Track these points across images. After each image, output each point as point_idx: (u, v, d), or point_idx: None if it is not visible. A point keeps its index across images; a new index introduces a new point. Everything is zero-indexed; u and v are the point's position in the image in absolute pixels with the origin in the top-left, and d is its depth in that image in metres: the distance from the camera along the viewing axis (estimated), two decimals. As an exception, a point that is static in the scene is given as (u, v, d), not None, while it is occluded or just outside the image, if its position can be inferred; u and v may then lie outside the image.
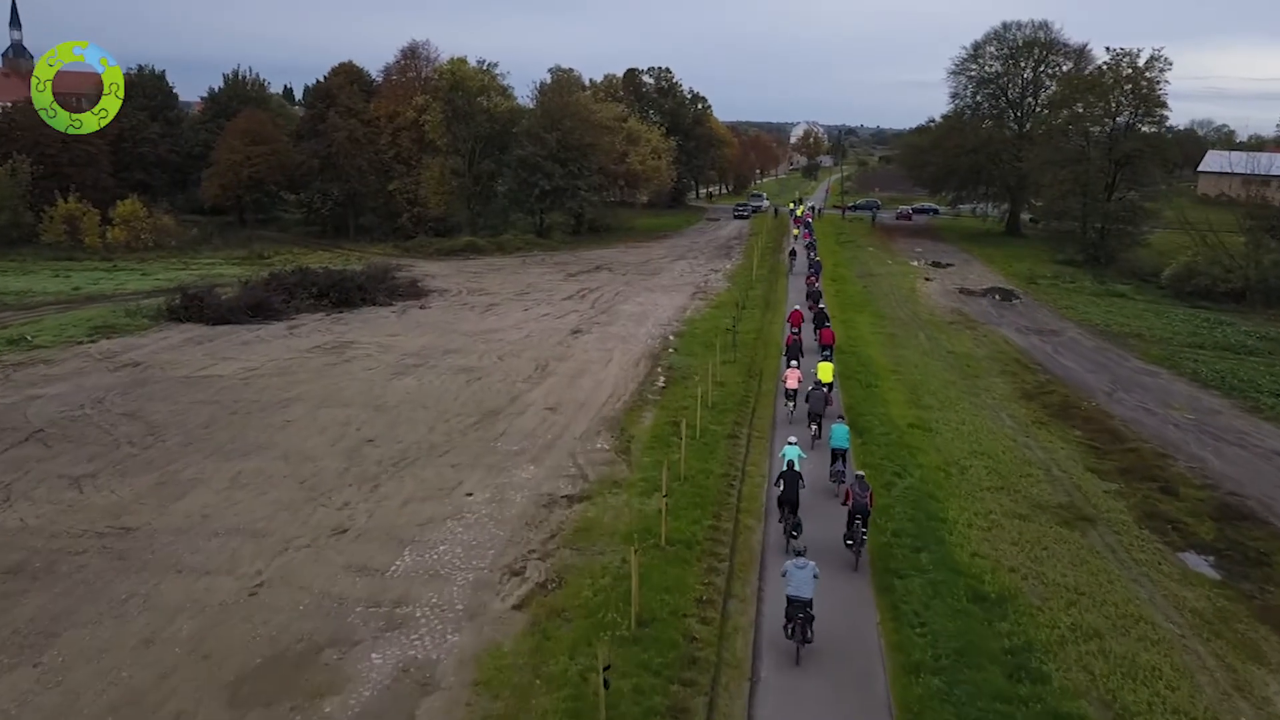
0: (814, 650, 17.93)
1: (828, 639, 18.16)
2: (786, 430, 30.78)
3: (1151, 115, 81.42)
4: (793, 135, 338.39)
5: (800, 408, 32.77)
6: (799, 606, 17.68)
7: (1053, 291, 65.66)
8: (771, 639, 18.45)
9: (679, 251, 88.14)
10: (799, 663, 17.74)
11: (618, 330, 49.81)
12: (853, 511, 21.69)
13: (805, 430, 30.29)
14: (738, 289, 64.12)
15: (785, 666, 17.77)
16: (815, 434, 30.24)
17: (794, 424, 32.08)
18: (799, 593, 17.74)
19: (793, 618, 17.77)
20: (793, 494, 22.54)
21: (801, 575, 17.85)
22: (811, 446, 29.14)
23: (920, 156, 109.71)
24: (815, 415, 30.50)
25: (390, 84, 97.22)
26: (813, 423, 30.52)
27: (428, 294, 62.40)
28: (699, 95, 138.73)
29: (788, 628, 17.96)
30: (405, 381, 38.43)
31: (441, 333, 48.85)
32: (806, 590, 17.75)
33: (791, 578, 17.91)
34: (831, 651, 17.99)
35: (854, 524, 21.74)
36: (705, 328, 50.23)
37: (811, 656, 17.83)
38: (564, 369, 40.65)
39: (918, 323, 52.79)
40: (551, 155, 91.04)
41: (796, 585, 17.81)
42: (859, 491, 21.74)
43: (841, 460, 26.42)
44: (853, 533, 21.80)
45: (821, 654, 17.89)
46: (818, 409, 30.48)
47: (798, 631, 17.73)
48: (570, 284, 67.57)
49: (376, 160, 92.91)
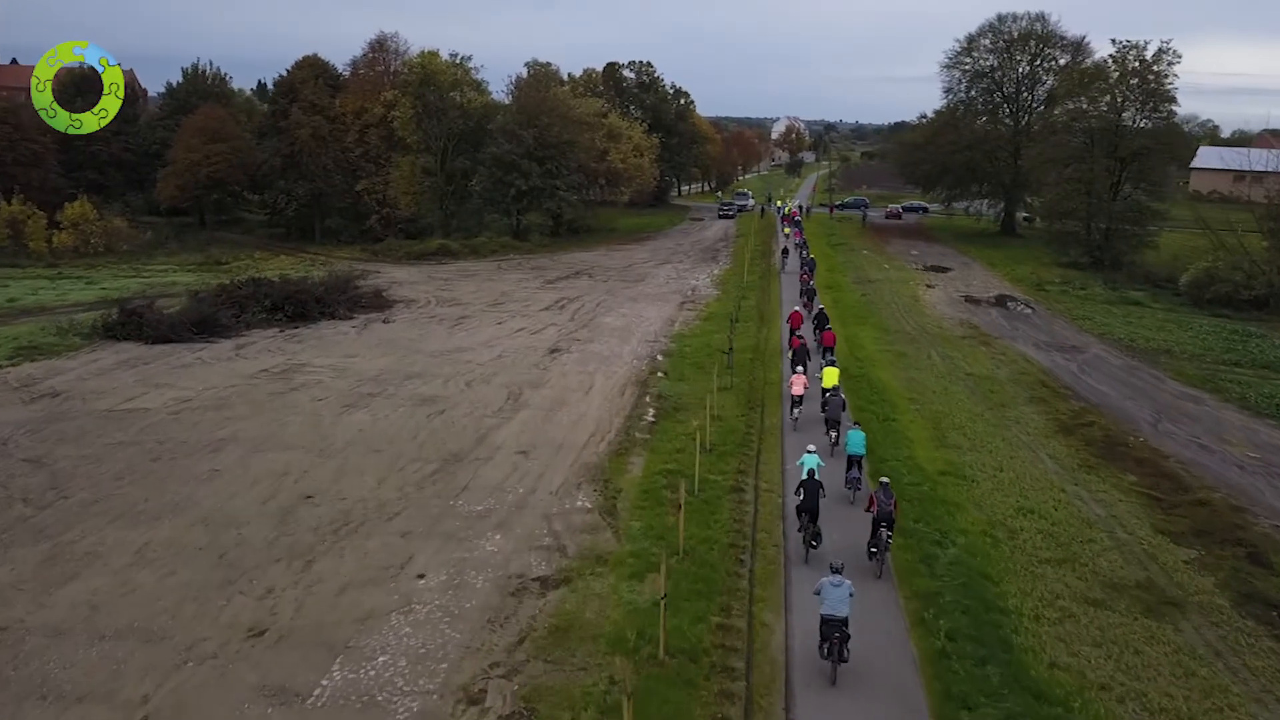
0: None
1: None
2: (792, 439, 30.93)
3: (1159, 110, 77.35)
4: (774, 131, 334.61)
5: (806, 415, 32.46)
6: (835, 625, 17.11)
7: (1064, 299, 61.43)
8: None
9: (663, 255, 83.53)
10: (835, 683, 17.10)
11: (600, 349, 45.18)
12: (877, 519, 21.28)
13: (810, 437, 29.62)
14: (728, 298, 59.60)
15: (821, 687, 17.04)
16: (835, 441, 29.59)
17: (799, 431, 31.82)
18: (834, 611, 17.18)
19: (828, 637, 17.13)
20: (813, 503, 21.98)
21: (837, 594, 17.25)
22: (831, 454, 28.50)
23: (913, 154, 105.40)
24: (833, 422, 29.87)
25: (358, 78, 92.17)
26: (831, 429, 29.90)
27: (393, 305, 57.57)
28: (681, 90, 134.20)
29: (823, 647, 17.28)
30: (357, 416, 33.64)
31: (404, 353, 44.07)
32: (842, 609, 17.17)
33: (826, 596, 17.32)
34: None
35: (878, 532, 21.37)
36: (696, 345, 45.66)
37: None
38: (540, 398, 35.95)
39: (926, 337, 48.39)
40: (528, 153, 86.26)
41: (832, 604, 17.23)
42: (884, 499, 21.30)
43: (858, 467, 25.95)
44: (877, 540, 21.43)
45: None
46: (835, 415, 29.96)
47: (834, 651, 17.08)
48: (548, 292, 62.86)
49: (343, 159, 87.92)
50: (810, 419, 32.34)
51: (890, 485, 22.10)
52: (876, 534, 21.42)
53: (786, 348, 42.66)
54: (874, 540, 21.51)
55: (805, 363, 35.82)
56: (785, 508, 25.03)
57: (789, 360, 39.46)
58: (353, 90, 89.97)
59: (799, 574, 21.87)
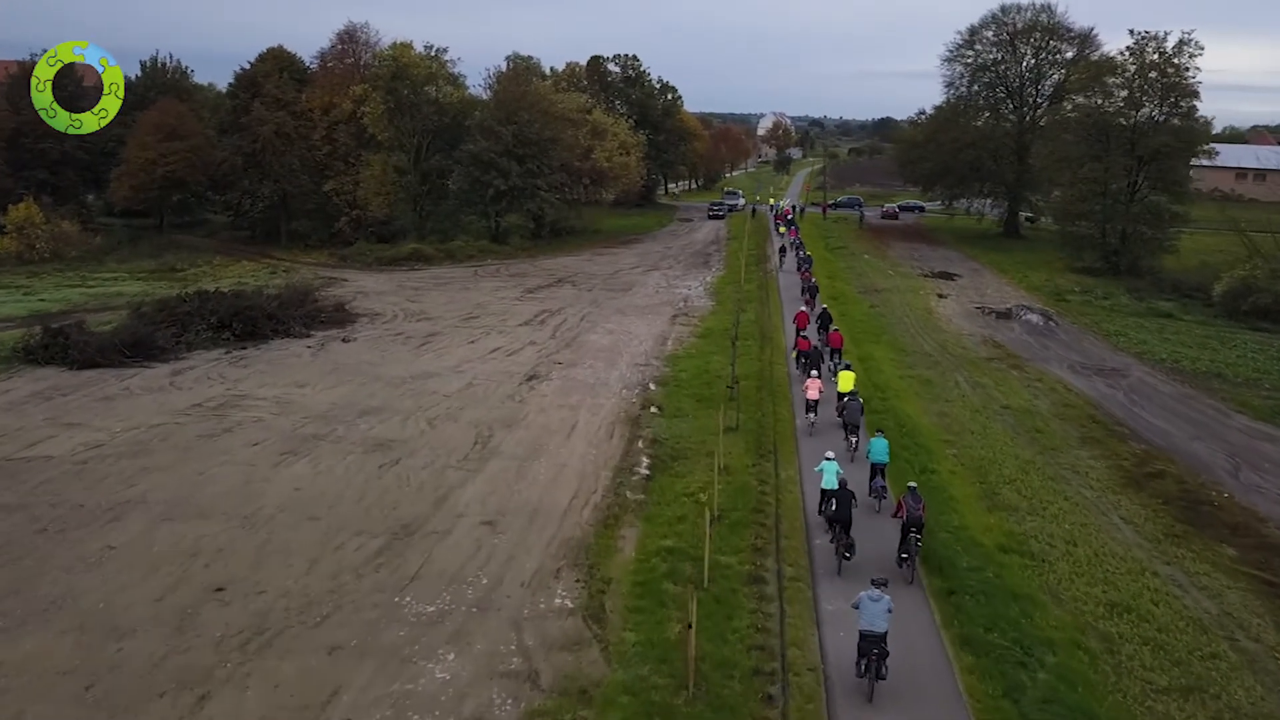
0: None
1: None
2: (808, 444, 30.37)
3: (1179, 106, 72.52)
4: (760, 126, 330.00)
5: (822, 419, 31.77)
6: (873, 642, 16.51)
7: (1088, 311, 56.51)
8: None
9: (652, 259, 78.29)
10: (872, 700, 16.43)
11: (584, 374, 39.96)
12: (906, 525, 21.01)
13: (827, 442, 28.87)
14: (725, 311, 54.43)
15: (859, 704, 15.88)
16: (853, 446, 29.04)
17: (814, 436, 31.05)
18: (873, 627, 16.55)
19: (866, 653, 16.58)
20: (845, 513, 21.62)
21: (876, 609, 16.64)
22: (850, 460, 27.82)
23: (912, 152, 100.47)
24: (852, 426, 29.34)
25: (326, 72, 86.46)
26: (851, 434, 29.31)
27: (356, 319, 52.20)
28: (668, 85, 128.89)
29: (860, 664, 16.79)
30: (297, 469, 28.30)
31: (362, 380, 38.75)
32: (881, 624, 16.55)
33: (865, 610, 16.72)
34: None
35: (908, 537, 21.06)
36: (693, 369, 40.48)
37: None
38: (513, 443, 30.65)
39: (949, 359, 43.34)
40: (507, 151, 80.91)
41: (870, 619, 16.62)
42: (912, 504, 21.04)
43: (881, 475, 25.29)
44: (907, 546, 21.07)
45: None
46: (854, 420, 29.38)
47: (872, 667, 16.52)
48: (528, 304, 57.57)
49: (309, 157, 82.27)
50: (826, 423, 31.68)
51: (919, 490, 21.89)
52: (906, 540, 21.10)
53: (791, 347, 42.48)
54: (904, 546, 21.18)
55: (819, 365, 35.59)
56: (818, 610, 19.90)
57: (793, 360, 40.61)
58: (320, 84, 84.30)
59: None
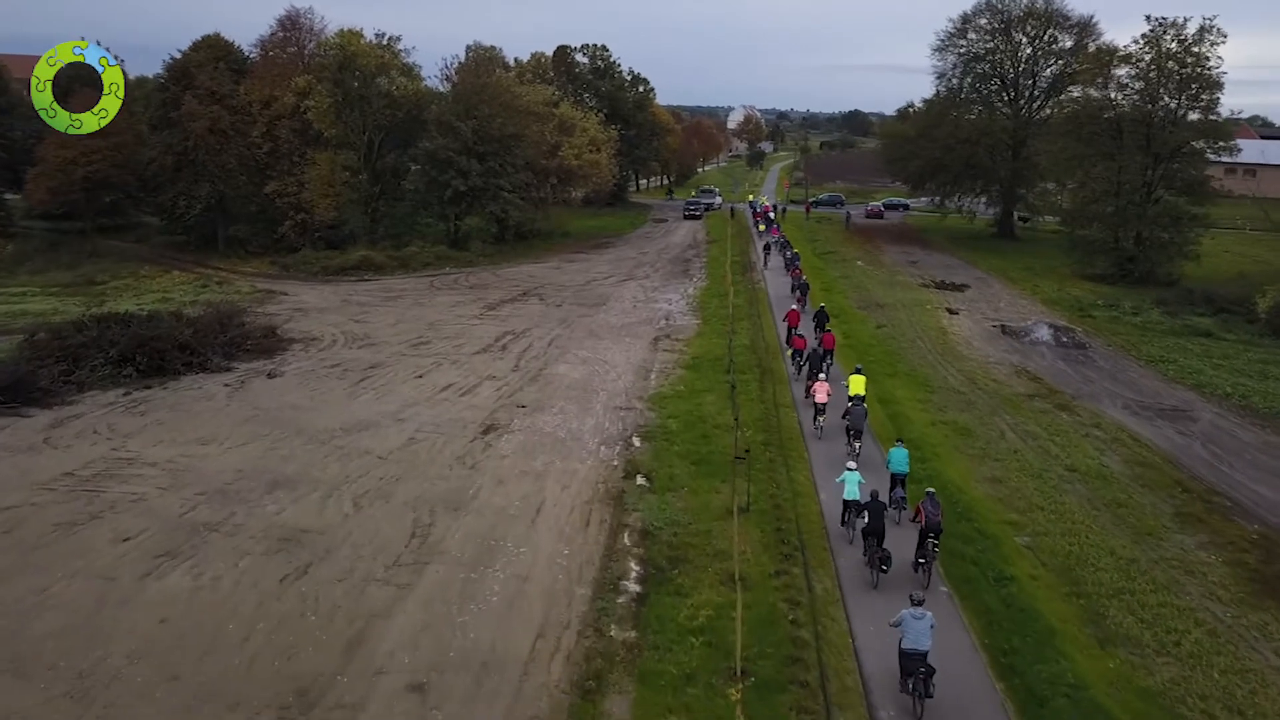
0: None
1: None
2: (815, 447, 30.30)
3: (1199, 99, 66.58)
4: (730, 120, 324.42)
5: (831, 423, 31.27)
6: (917, 660, 16.01)
7: (1120, 330, 50.27)
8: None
9: (626, 267, 71.38)
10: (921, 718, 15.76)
11: (553, 424, 33.06)
12: (925, 530, 20.75)
13: (835, 448, 29.41)
14: (713, 332, 47.73)
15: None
16: (856, 452, 28.46)
17: (823, 439, 30.88)
18: (917, 645, 16.13)
19: (912, 672, 16.04)
20: (879, 524, 20.99)
21: (919, 626, 16.20)
22: (856, 465, 25.50)
23: (901, 148, 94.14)
24: (857, 431, 28.84)
25: (266, 62, 78.65)
26: (854, 440, 28.86)
27: (288, 346, 45.03)
28: (640, 76, 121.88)
29: (906, 683, 16.26)
30: (170, 583, 21.22)
31: (281, 434, 31.67)
32: (924, 642, 16.13)
33: (908, 629, 16.24)
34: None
35: (925, 542, 20.81)
36: (684, 414, 33.69)
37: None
38: (460, 536, 23.68)
39: (984, 397, 36.84)
40: (466, 148, 73.76)
41: (914, 637, 16.18)
42: (931, 509, 20.81)
43: (901, 486, 24.85)
44: (924, 551, 20.89)
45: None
46: (858, 424, 28.87)
47: (919, 686, 15.88)
48: (488, 324, 50.56)
49: (248, 156, 74.53)
50: (835, 426, 30.97)
51: (936, 495, 21.72)
52: (923, 545, 20.98)
53: (785, 346, 42.83)
54: (920, 551, 21.09)
55: (823, 366, 35.86)
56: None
57: (789, 358, 40.82)
58: (260, 76, 76.43)
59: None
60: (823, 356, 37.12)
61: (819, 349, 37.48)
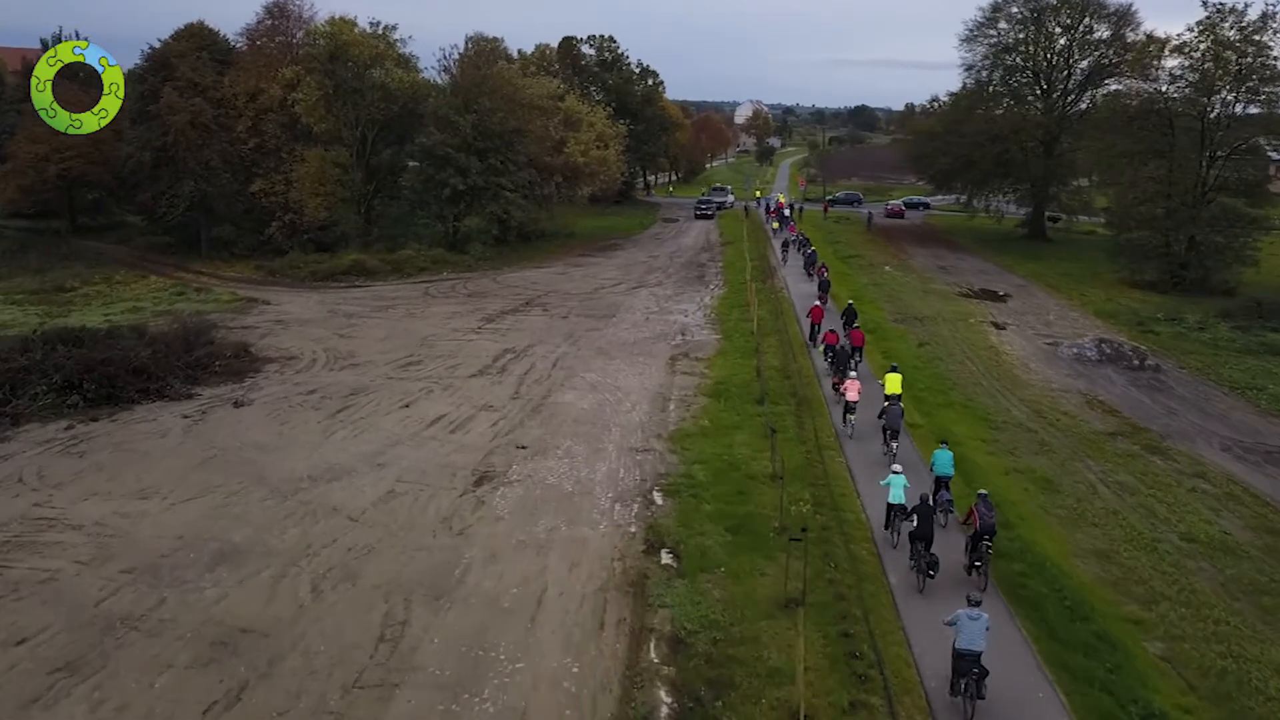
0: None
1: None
2: (849, 447, 29.66)
3: (1259, 93, 61.37)
4: (738, 115, 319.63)
5: (862, 422, 30.41)
6: (971, 661, 15.66)
7: (1189, 348, 45.16)
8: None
9: (637, 272, 66.39)
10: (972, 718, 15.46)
11: (558, 471, 28.07)
12: (980, 532, 20.24)
13: (866, 448, 29.01)
14: (736, 350, 42.73)
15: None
16: (892, 452, 27.67)
17: (855, 439, 30.09)
18: (971, 646, 15.74)
19: (965, 673, 15.67)
20: (928, 529, 20.39)
21: (975, 627, 15.82)
22: (890, 465, 24.60)
23: (927, 144, 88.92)
24: (894, 431, 28.03)
25: (253, 52, 73.65)
26: (891, 439, 28.06)
27: (261, 367, 40.15)
28: (648, 69, 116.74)
29: (958, 683, 15.88)
30: (58, 716, 16.33)
31: (238, 484, 26.73)
32: (979, 643, 15.75)
33: (963, 629, 15.87)
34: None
35: (979, 545, 20.31)
36: (713, 459, 28.66)
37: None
38: (440, 641, 18.58)
39: (1057, 435, 31.75)
40: (466, 144, 68.86)
41: (969, 638, 15.80)
42: (984, 511, 20.33)
43: (946, 488, 23.92)
44: (980, 554, 20.31)
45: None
46: (895, 424, 28.05)
47: (971, 688, 15.55)
48: (486, 339, 45.63)
49: (231, 152, 69.64)
50: (867, 425, 30.27)
51: (990, 497, 21.09)
52: (977, 548, 20.42)
53: (809, 343, 43.30)
54: (975, 554, 20.49)
55: (852, 364, 35.41)
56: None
57: (819, 354, 40.68)
58: (246, 67, 71.47)
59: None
60: (851, 354, 36.73)
61: (848, 346, 37.33)
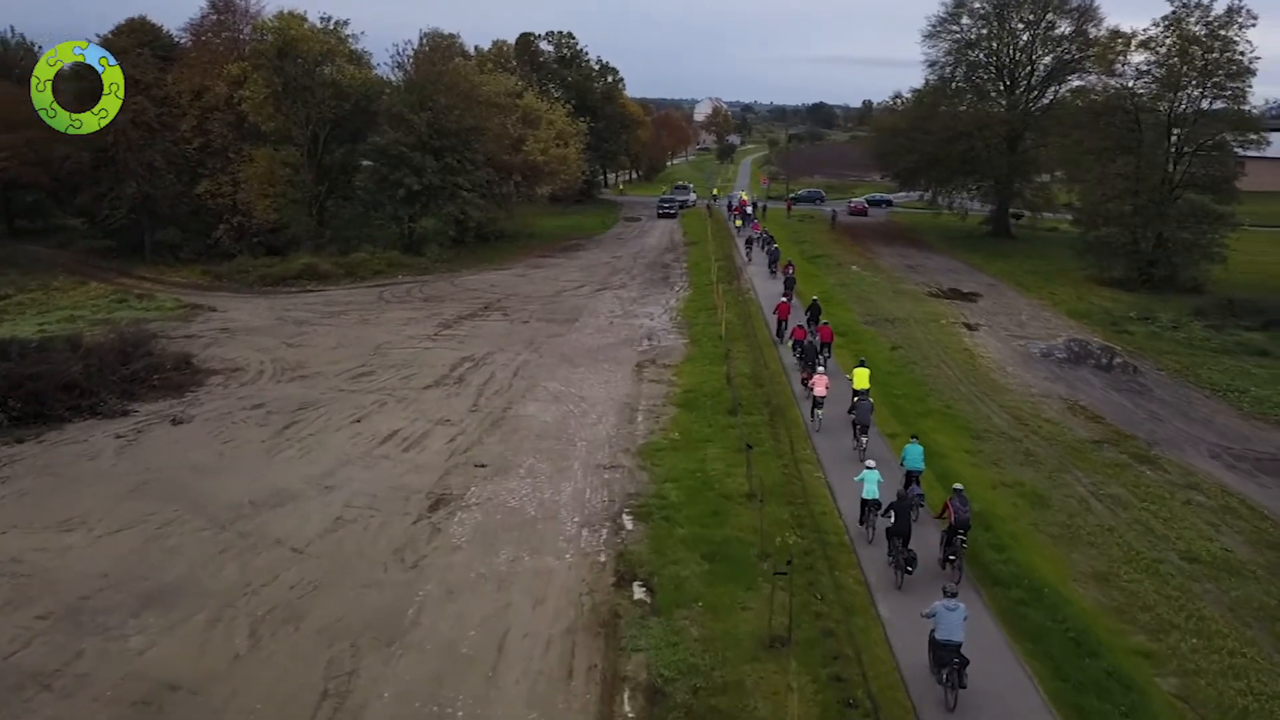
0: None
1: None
2: (817, 441, 29.77)
3: (1225, 88, 60.73)
4: (698, 113, 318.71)
5: (830, 417, 30.43)
6: (951, 651, 15.89)
7: (1165, 348, 44.27)
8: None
9: (600, 274, 64.65)
10: (954, 709, 15.72)
11: (519, 493, 26.24)
12: (955, 526, 20.42)
13: (836, 442, 29.14)
14: (705, 356, 41.13)
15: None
16: (863, 447, 27.82)
17: (822, 433, 30.22)
18: (950, 637, 16.00)
19: (946, 663, 15.90)
20: (905, 525, 20.37)
21: (953, 618, 16.09)
22: (861, 460, 25.74)
23: (891, 141, 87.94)
24: (863, 426, 28.12)
25: (199, 47, 70.96)
26: (861, 434, 28.18)
27: (204, 380, 37.96)
28: (608, 65, 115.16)
29: (940, 673, 16.12)
30: (-51, 798, 14.42)
31: (171, 513, 24.62)
32: (958, 634, 16.02)
33: (941, 620, 16.14)
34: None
35: (954, 539, 20.48)
36: (685, 476, 26.97)
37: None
38: (389, 697, 16.53)
39: (1041, 444, 30.46)
40: (421, 143, 66.74)
41: (948, 629, 16.04)
42: (960, 506, 20.52)
43: (917, 482, 24.18)
44: (954, 548, 20.45)
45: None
46: (865, 420, 28.15)
47: (953, 677, 15.77)
48: (443, 346, 43.69)
49: (175, 152, 67.07)
50: (835, 420, 30.33)
51: (965, 492, 21.17)
52: (952, 542, 20.56)
53: (775, 339, 43.30)
54: (950, 548, 20.65)
55: (822, 359, 35.89)
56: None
57: (778, 341, 42.35)
58: (191, 63, 68.81)
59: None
60: (819, 349, 36.92)
61: (816, 342, 37.43)
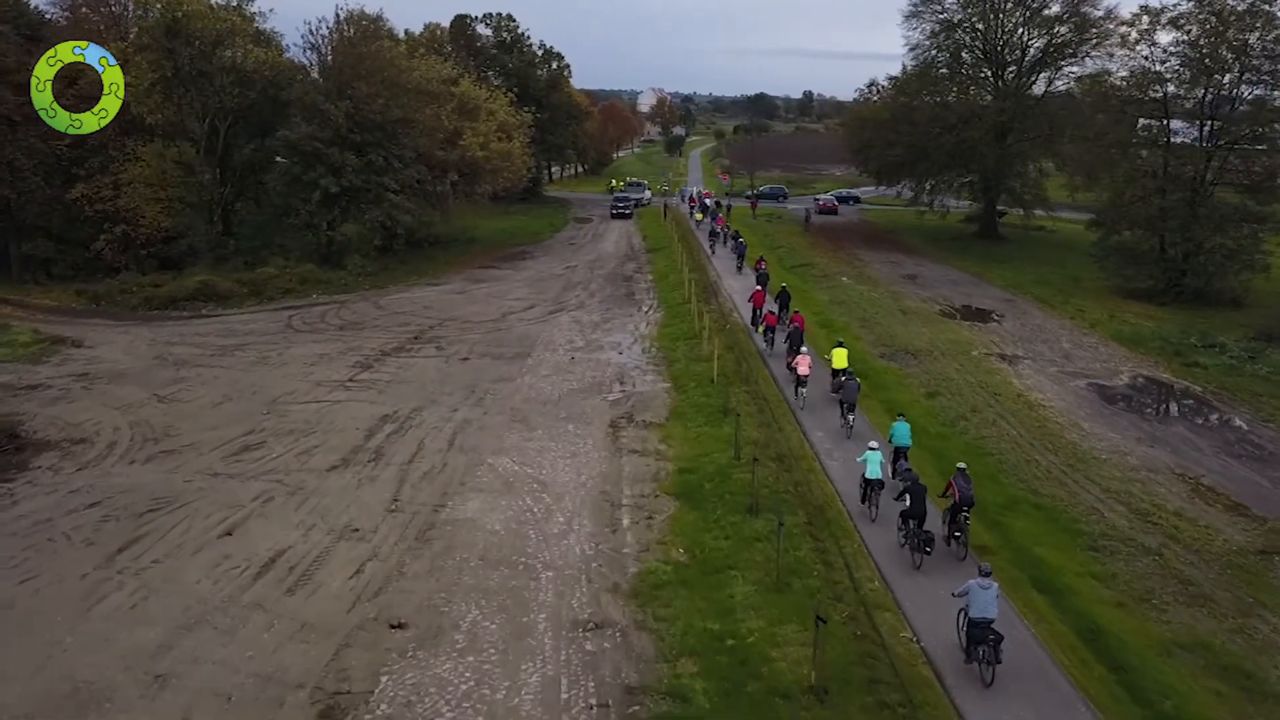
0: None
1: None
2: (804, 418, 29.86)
3: (1265, 74, 53.17)
4: (642, 103, 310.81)
5: (813, 395, 31.78)
6: (985, 628, 16.34)
7: (1255, 388, 36.20)
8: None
9: (552, 290, 55.34)
10: (991, 684, 16.19)
11: (455, 684, 16.89)
12: (959, 504, 20.85)
13: (820, 419, 30.08)
14: (696, 408, 32.10)
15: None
16: (850, 425, 28.78)
17: (805, 411, 31.04)
18: (985, 614, 16.42)
19: (981, 640, 16.35)
20: (921, 507, 20.64)
21: (987, 596, 16.46)
22: (848, 437, 28.21)
23: (867, 134, 79.61)
24: (849, 405, 28.77)
25: (73, 26, 60.09)
26: (848, 413, 28.82)
27: (32, 460, 28.12)
28: (552, 51, 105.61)
29: (976, 650, 16.56)
30: None
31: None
32: (992, 610, 16.47)
33: (975, 598, 16.50)
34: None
35: (959, 516, 20.95)
36: (707, 641, 17.87)
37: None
38: None
39: (1184, 554, 21.91)
40: (339, 138, 56.83)
41: (982, 606, 16.45)
42: (963, 484, 20.90)
43: (905, 458, 24.27)
44: (959, 525, 20.97)
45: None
46: (850, 398, 28.79)
47: (989, 654, 16.26)
48: (359, 398, 34.18)
49: (43, 149, 56.14)
50: (819, 399, 31.46)
51: (967, 470, 21.51)
52: (956, 519, 20.97)
53: (751, 327, 42.70)
54: (954, 525, 21.05)
55: (802, 342, 35.68)
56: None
57: (758, 336, 41.20)
58: (63, 44, 57.89)
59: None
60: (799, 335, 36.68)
61: (795, 329, 36.70)
